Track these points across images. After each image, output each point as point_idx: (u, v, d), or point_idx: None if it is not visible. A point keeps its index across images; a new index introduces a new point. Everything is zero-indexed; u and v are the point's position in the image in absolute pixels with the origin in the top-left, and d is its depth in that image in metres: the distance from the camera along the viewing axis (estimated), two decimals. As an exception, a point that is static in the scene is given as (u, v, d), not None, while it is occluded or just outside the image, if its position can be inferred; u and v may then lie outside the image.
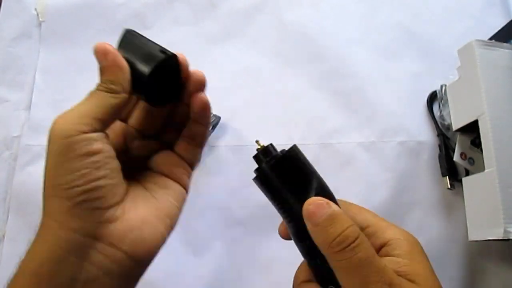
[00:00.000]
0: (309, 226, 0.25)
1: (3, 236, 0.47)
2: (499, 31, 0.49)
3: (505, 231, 0.38)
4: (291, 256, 0.29)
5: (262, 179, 0.28)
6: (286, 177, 0.28)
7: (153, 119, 0.33)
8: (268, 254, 0.47)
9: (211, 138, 0.51)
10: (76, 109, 0.27)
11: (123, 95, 0.28)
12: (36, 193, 0.48)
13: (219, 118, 0.50)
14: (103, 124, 0.27)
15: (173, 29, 0.56)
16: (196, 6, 0.57)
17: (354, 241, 0.24)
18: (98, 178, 0.26)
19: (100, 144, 0.26)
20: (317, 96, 0.53)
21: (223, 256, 0.47)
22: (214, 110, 0.50)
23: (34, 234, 0.28)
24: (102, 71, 0.28)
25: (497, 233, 0.39)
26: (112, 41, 0.55)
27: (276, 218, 0.29)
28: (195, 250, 0.47)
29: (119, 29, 0.55)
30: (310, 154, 0.49)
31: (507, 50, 0.45)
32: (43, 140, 0.50)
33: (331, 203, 0.26)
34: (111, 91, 0.27)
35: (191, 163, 0.33)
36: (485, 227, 0.41)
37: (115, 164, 0.27)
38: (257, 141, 0.29)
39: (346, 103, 0.52)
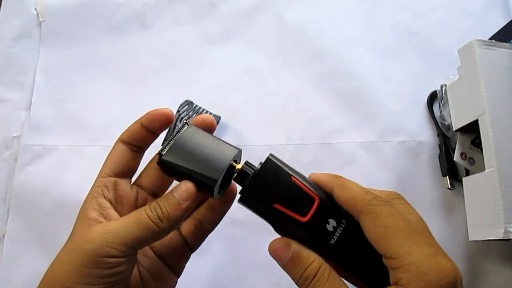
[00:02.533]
0: (279, 264, 0.28)
1: (3, 236, 0.47)
2: (499, 31, 0.49)
3: (505, 231, 0.38)
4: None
5: (246, 200, 0.29)
6: (268, 191, 0.28)
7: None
8: (268, 254, 0.47)
9: (211, 138, 0.51)
10: (118, 232, 0.26)
11: (165, 233, 0.28)
12: (36, 193, 0.48)
13: (219, 118, 0.50)
14: (135, 249, 0.27)
15: (173, 29, 0.56)
16: (196, 6, 0.57)
17: (313, 279, 0.26)
18: None
19: (123, 267, 0.27)
20: (317, 96, 0.53)
21: (223, 256, 0.47)
22: (214, 110, 0.50)
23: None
24: (169, 201, 0.27)
25: (497, 233, 0.39)
26: (111, 41, 0.55)
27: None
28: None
29: (119, 29, 0.56)
30: (310, 154, 0.50)
31: (507, 50, 0.45)
32: (43, 140, 0.51)
33: (290, 242, 0.28)
34: (157, 225, 0.27)
35: (192, 247, 0.33)
36: (485, 227, 0.41)
37: (126, 282, 0.28)
38: (234, 160, 0.29)
39: (346, 103, 0.52)
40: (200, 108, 0.50)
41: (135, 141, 0.31)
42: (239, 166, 0.29)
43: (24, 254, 0.46)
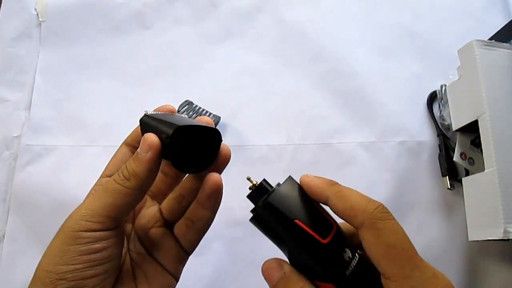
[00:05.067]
0: (269, 285, 0.28)
1: (3, 236, 0.47)
2: (499, 31, 0.49)
3: (505, 231, 0.38)
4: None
5: (259, 220, 0.28)
6: (281, 215, 0.26)
7: (167, 186, 0.33)
8: (268, 254, 0.47)
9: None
10: (91, 205, 0.26)
11: (136, 192, 0.27)
12: (36, 193, 0.48)
13: (219, 118, 0.50)
14: (115, 220, 0.27)
15: (173, 29, 0.56)
16: (196, 6, 0.57)
17: None
18: (87, 278, 0.25)
19: (104, 243, 0.26)
20: (317, 96, 0.53)
21: (223, 256, 0.47)
22: (214, 110, 0.50)
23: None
24: (134, 158, 0.27)
25: (497, 233, 0.39)
26: (111, 41, 0.55)
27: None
28: (195, 250, 0.47)
29: (119, 29, 0.56)
30: (310, 154, 0.50)
31: (507, 50, 0.45)
32: (43, 140, 0.51)
33: (283, 263, 0.28)
34: (124, 186, 0.26)
35: (187, 250, 0.32)
36: (485, 227, 0.41)
37: (112, 265, 0.27)
38: (248, 178, 0.28)
39: (346, 103, 0.52)
40: (200, 108, 0.50)
41: (138, 143, 0.30)
42: (254, 182, 0.28)
43: (24, 254, 0.46)
